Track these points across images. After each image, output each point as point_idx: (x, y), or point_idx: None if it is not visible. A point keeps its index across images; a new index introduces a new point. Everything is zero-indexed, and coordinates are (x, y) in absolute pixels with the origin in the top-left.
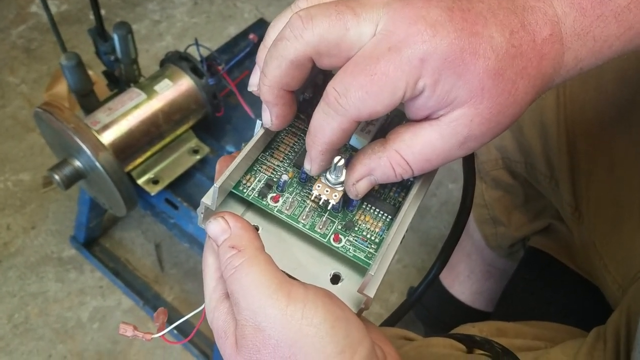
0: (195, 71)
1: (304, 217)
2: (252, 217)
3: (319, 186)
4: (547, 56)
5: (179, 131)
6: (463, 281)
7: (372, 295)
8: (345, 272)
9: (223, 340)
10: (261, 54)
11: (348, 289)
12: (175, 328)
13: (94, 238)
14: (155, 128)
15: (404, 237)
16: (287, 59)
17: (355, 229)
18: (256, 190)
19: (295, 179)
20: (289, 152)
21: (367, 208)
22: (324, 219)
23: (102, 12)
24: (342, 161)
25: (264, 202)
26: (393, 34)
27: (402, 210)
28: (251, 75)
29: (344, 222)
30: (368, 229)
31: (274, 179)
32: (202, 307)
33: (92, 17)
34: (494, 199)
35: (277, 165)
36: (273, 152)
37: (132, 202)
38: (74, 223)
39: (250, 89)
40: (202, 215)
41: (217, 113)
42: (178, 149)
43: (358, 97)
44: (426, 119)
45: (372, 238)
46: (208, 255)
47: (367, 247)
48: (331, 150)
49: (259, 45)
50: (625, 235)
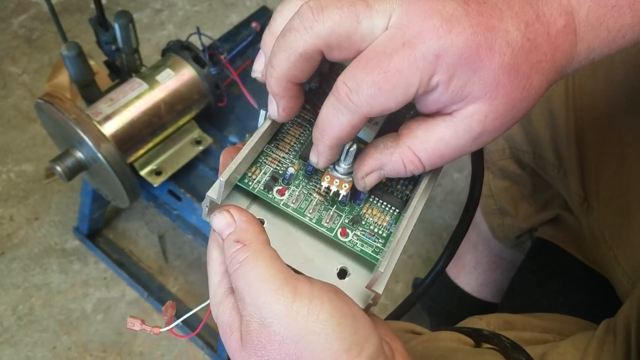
0: (197, 60)
1: (310, 211)
2: (257, 210)
3: (328, 178)
4: (561, 48)
5: (181, 122)
6: (469, 272)
7: (380, 291)
8: (352, 267)
9: (228, 335)
10: (267, 39)
11: (355, 283)
12: (182, 321)
13: (97, 229)
14: (158, 119)
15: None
16: (296, 51)
17: (363, 222)
18: (262, 183)
19: (301, 172)
20: (294, 143)
21: (375, 202)
22: (331, 213)
23: (103, 1)
24: (355, 147)
25: (270, 196)
26: (407, 28)
27: (410, 204)
28: (255, 61)
29: (351, 216)
30: (375, 222)
31: (280, 172)
32: (209, 301)
33: (92, 6)
34: (500, 189)
35: (283, 157)
36: (278, 144)
37: (134, 194)
38: (77, 214)
39: (253, 75)
40: (207, 209)
41: (219, 103)
42: (181, 140)
43: (370, 94)
44: (438, 113)
45: (380, 232)
46: (213, 249)
47: (375, 241)
48: (339, 144)
49: (261, 34)
50: (636, 226)
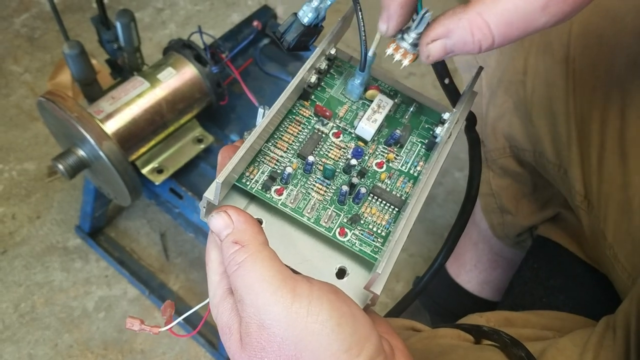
0: (198, 59)
1: (308, 211)
2: (255, 210)
3: (394, 45)
4: None
5: (183, 120)
6: (470, 270)
7: (378, 292)
8: (351, 266)
9: (227, 336)
10: None
11: (354, 283)
12: (183, 319)
13: (99, 227)
14: (159, 117)
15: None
16: None
17: (361, 222)
18: (259, 182)
19: (299, 170)
20: (293, 141)
21: (374, 200)
22: (329, 212)
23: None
24: (430, 13)
25: (268, 195)
26: None
27: (409, 203)
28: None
29: (349, 215)
30: (374, 222)
31: (278, 171)
32: (209, 299)
33: (94, 5)
34: (501, 187)
35: (281, 156)
36: (277, 142)
37: (136, 192)
38: (79, 212)
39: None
40: (204, 210)
41: (221, 102)
42: (182, 138)
43: None
44: None
45: (379, 231)
46: (211, 249)
47: (374, 240)
48: (412, 3)
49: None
50: (636, 224)
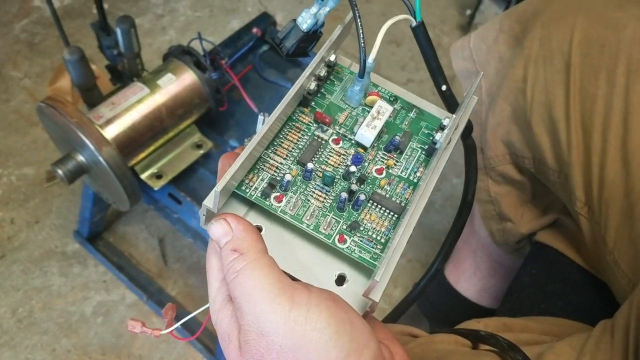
0: (198, 65)
1: (308, 218)
2: (255, 217)
3: None
4: None
5: (182, 126)
6: (469, 278)
7: (377, 299)
8: (350, 273)
9: (227, 343)
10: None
11: (353, 290)
12: (181, 324)
13: (98, 232)
14: (159, 122)
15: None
16: None
17: (361, 229)
18: (259, 190)
19: (298, 177)
20: (292, 148)
21: (373, 206)
22: (329, 219)
23: (105, 5)
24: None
25: (267, 203)
26: None
27: (408, 210)
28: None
29: (348, 222)
30: (374, 228)
31: (277, 178)
32: (208, 305)
33: (95, 11)
34: (500, 194)
35: (281, 163)
36: (276, 149)
37: (135, 197)
38: (77, 217)
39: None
40: (204, 217)
41: (220, 107)
42: (181, 144)
43: None
44: None
45: (378, 238)
46: (212, 256)
47: (373, 247)
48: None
49: (262, 39)
50: (638, 230)
